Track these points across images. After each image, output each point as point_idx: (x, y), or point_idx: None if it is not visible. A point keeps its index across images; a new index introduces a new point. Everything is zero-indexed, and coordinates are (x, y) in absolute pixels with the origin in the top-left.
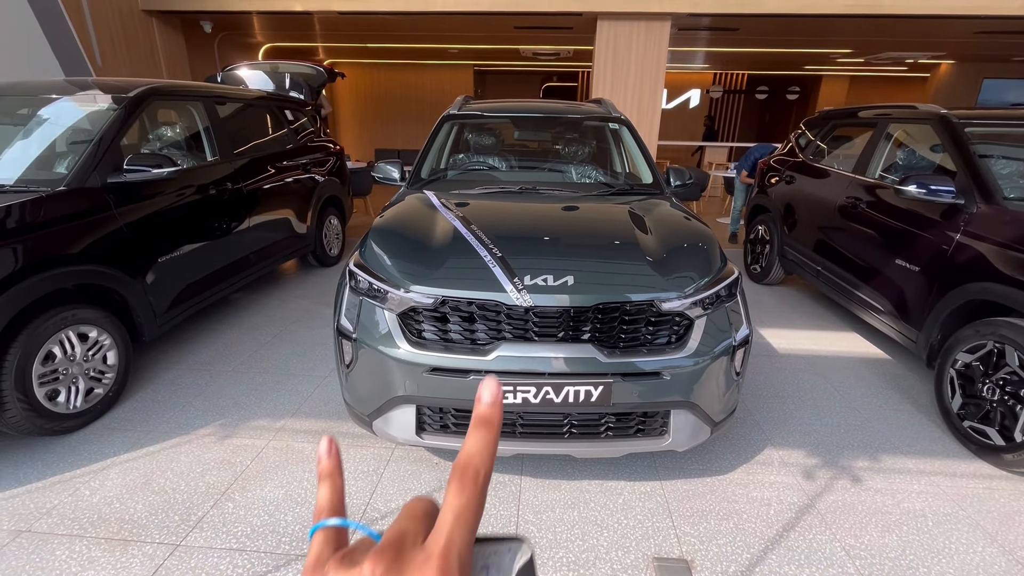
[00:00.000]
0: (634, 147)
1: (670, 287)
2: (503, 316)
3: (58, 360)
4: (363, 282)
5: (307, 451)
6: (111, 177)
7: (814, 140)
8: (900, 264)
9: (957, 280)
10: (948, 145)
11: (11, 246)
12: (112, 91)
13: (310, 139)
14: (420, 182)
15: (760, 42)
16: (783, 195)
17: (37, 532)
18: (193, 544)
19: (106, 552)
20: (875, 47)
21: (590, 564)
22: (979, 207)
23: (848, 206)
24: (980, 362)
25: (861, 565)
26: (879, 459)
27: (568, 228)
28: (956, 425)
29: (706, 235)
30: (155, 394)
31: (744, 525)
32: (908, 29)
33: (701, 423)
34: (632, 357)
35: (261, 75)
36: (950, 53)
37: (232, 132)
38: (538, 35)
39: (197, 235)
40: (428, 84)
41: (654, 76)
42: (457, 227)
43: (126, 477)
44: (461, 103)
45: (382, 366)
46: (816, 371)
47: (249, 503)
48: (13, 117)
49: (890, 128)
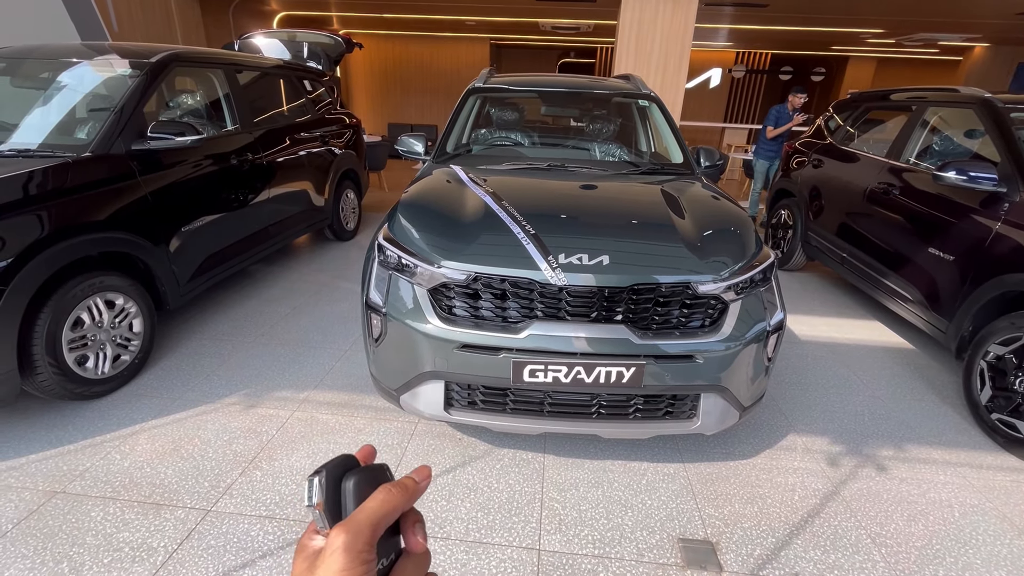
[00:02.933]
0: (664, 125)
1: (706, 270)
2: (536, 294)
3: (86, 326)
4: (392, 256)
5: (331, 423)
6: (135, 144)
7: (844, 124)
8: (932, 252)
9: (994, 271)
10: (991, 131)
11: (39, 212)
12: (132, 57)
13: (328, 111)
14: (445, 156)
15: (789, 19)
16: (809, 179)
17: (71, 493)
18: (224, 510)
19: (139, 515)
20: (909, 27)
21: (615, 543)
22: (1022, 195)
23: (879, 192)
24: (1014, 355)
25: (887, 553)
26: (904, 448)
27: (601, 207)
28: (984, 417)
29: (742, 218)
30: (179, 362)
31: (768, 510)
32: (947, 8)
33: (731, 407)
34: (665, 339)
35: (278, 44)
36: (986, 35)
37: (252, 101)
38: (560, 8)
39: (218, 205)
40: (443, 58)
41: (679, 53)
42: (488, 203)
43: (155, 443)
44: (487, 76)
45: (411, 341)
46: (838, 359)
47: (276, 472)
48: (33, 81)
49: (927, 112)
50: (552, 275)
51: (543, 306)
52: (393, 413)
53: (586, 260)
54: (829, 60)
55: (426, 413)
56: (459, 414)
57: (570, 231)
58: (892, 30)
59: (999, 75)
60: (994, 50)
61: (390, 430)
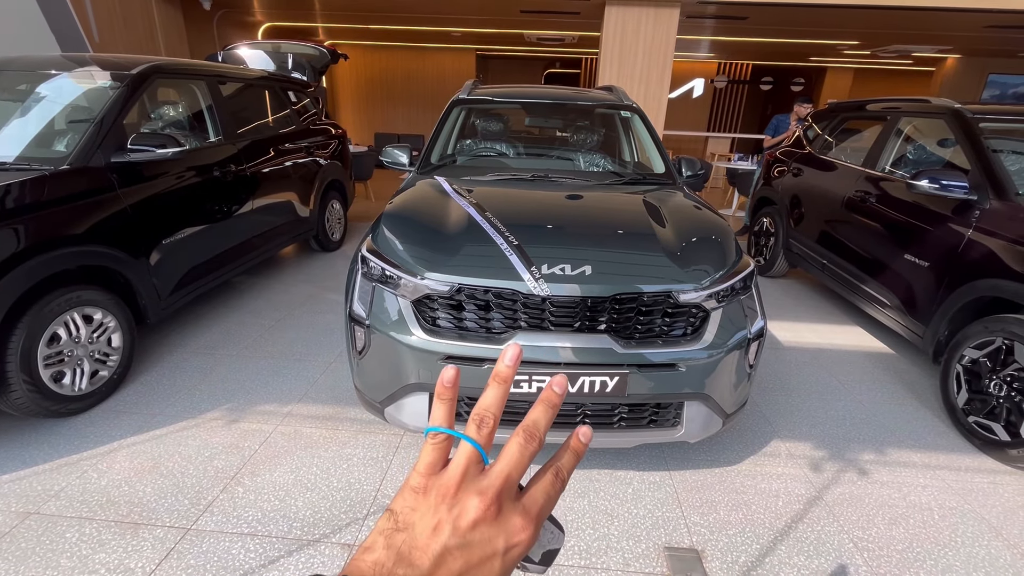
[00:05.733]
0: (646, 136)
1: (687, 279)
2: (519, 305)
3: (63, 342)
4: (376, 268)
5: (315, 436)
6: (115, 157)
7: (822, 133)
8: (909, 259)
9: (967, 276)
10: (962, 140)
11: (14, 225)
12: (113, 68)
13: (313, 121)
14: (430, 167)
15: (768, 32)
16: (789, 187)
17: (45, 514)
18: (204, 528)
19: (116, 535)
20: (883, 39)
21: (602, 552)
22: (992, 203)
23: (856, 200)
24: (988, 358)
25: (869, 557)
26: (885, 452)
27: (583, 217)
28: (961, 420)
29: (722, 227)
30: (160, 377)
31: (753, 516)
32: (918, 22)
33: (714, 415)
34: (648, 348)
35: (262, 55)
36: (957, 47)
37: (235, 113)
38: (544, 20)
39: (201, 217)
40: (429, 68)
41: (662, 64)
42: (472, 214)
43: (134, 460)
44: (471, 87)
45: (395, 353)
46: (820, 364)
47: (259, 488)
48: (11, 93)
49: (901, 122)
50: (535, 286)
51: (527, 316)
52: (378, 426)
53: (569, 270)
54: (808, 71)
55: (411, 425)
56: None
57: (553, 242)
58: (867, 42)
59: (970, 85)
60: (965, 61)
61: (375, 443)
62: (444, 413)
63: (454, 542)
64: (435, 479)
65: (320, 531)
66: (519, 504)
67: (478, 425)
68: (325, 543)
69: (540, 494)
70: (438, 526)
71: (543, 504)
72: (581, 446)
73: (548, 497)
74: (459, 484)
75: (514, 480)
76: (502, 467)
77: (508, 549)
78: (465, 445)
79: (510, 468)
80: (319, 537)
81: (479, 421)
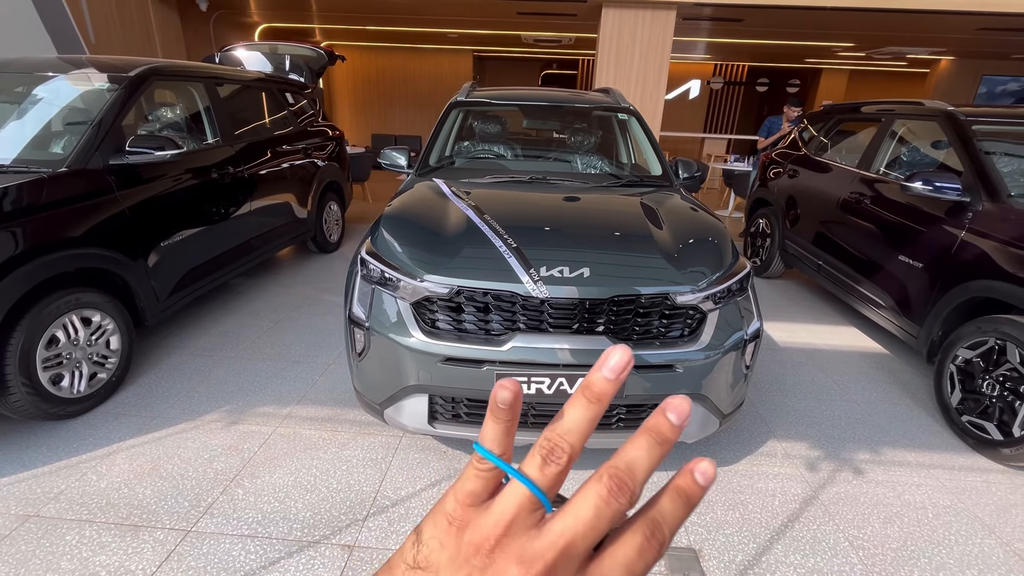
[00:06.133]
0: (643, 138)
1: (684, 280)
2: (518, 307)
3: (62, 344)
4: (375, 270)
5: (315, 438)
6: (113, 159)
7: (817, 135)
8: (903, 260)
9: (960, 277)
10: (954, 142)
11: (13, 228)
12: (110, 70)
13: (310, 123)
14: (428, 169)
15: (764, 34)
16: (785, 189)
17: (45, 517)
18: (204, 530)
19: (117, 537)
20: (878, 41)
21: None
22: (984, 205)
23: (851, 201)
24: (981, 358)
25: (864, 555)
26: (880, 452)
27: (581, 219)
28: (954, 419)
29: (719, 229)
30: (158, 380)
31: (750, 516)
32: (912, 24)
33: (711, 415)
34: (646, 350)
35: (260, 56)
36: (951, 49)
37: (233, 115)
38: (541, 21)
39: (199, 219)
40: (426, 69)
41: (658, 66)
42: (470, 216)
43: (133, 463)
44: (468, 90)
45: (395, 355)
46: (816, 364)
47: (259, 490)
48: (8, 95)
49: (895, 124)
50: (534, 288)
51: (525, 318)
52: (377, 427)
53: (567, 272)
54: (803, 72)
55: (410, 427)
56: (443, 427)
57: (551, 244)
58: (862, 44)
59: (964, 86)
60: (959, 63)
61: (374, 444)
62: (498, 435)
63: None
64: (475, 514)
65: (320, 532)
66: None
67: (544, 458)
68: (325, 544)
69: (618, 570)
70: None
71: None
72: (697, 490)
73: (630, 574)
74: (501, 537)
75: (578, 551)
76: (563, 528)
77: None
78: (519, 487)
79: (575, 533)
80: (319, 538)
81: (547, 453)
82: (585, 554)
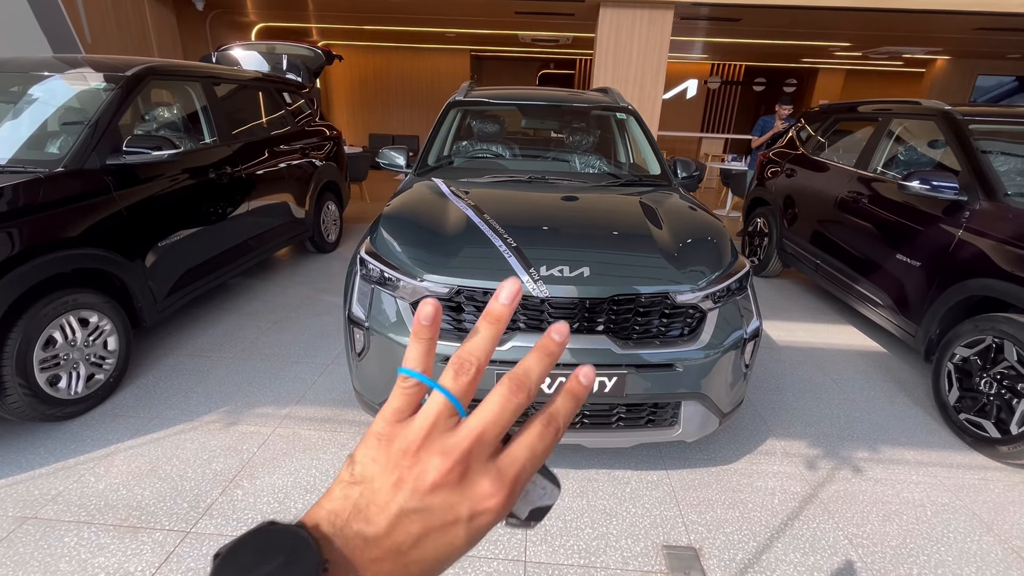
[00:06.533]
0: (641, 138)
1: (684, 280)
2: (518, 306)
3: (59, 345)
4: (375, 270)
5: (314, 438)
6: (110, 159)
7: (815, 134)
8: (901, 259)
9: (958, 276)
10: (951, 141)
11: (9, 229)
12: (107, 70)
13: (307, 123)
14: (427, 169)
15: (761, 33)
16: (783, 188)
17: (43, 519)
18: (204, 531)
19: (115, 539)
20: (875, 41)
21: (601, 551)
22: (981, 204)
23: (849, 200)
24: (978, 356)
25: (864, 553)
26: (878, 450)
27: (581, 219)
28: (952, 417)
29: (718, 228)
30: (156, 380)
31: (750, 514)
32: (909, 24)
33: (711, 414)
34: (646, 349)
35: (257, 56)
36: (947, 49)
37: (230, 114)
38: (539, 21)
39: (196, 219)
40: (424, 69)
41: (656, 66)
42: (470, 216)
43: (131, 464)
44: (467, 89)
45: (394, 355)
46: (814, 363)
47: (258, 490)
48: (4, 95)
49: (892, 123)
50: (534, 287)
51: (525, 318)
52: None
53: (567, 272)
54: (800, 72)
55: None
56: None
57: (551, 243)
58: (859, 44)
59: (960, 86)
60: (955, 63)
61: None
62: (419, 354)
63: (412, 504)
64: (400, 428)
65: None
66: (492, 465)
67: (456, 371)
68: None
69: (523, 451)
70: (398, 483)
71: (524, 463)
72: (581, 389)
73: (532, 455)
74: (424, 439)
75: (489, 439)
76: (475, 423)
77: (473, 516)
78: (437, 395)
79: (485, 424)
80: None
81: (458, 367)
82: (495, 442)
